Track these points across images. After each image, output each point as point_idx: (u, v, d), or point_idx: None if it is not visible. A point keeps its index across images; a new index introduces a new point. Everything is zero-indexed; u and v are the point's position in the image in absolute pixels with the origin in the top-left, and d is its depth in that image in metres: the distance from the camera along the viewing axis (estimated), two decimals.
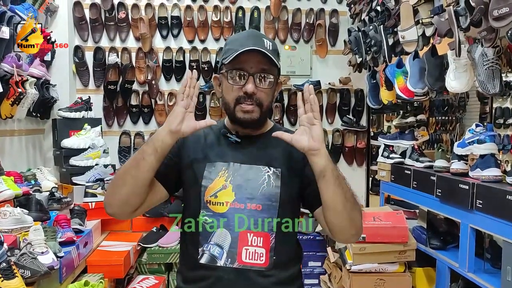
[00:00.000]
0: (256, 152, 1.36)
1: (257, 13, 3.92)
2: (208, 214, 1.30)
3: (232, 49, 1.30)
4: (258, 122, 1.34)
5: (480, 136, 2.20)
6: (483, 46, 1.98)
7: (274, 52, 1.32)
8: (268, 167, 1.32)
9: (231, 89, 1.32)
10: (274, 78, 1.33)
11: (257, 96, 1.30)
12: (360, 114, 4.04)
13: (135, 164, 1.25)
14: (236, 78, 1.31)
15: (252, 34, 1.39)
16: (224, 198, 1.29)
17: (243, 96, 1.30)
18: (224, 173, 1.32)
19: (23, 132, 3.23)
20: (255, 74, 1.30)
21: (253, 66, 1.29)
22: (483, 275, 2.14)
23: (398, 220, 2.53)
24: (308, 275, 3.38)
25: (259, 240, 1.28)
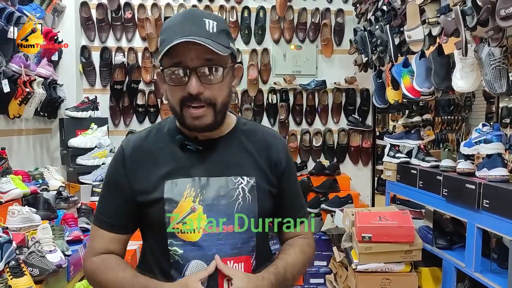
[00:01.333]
0: (223, 159, 1.13)
1: (263, 12, 3.93)
2: (177, 244, 1.07)
3: (166, 40, 1.03)
4: (213, 126, 1.09)
5: (487, 135, 2.19)
6: (490, 45, 1.97)
7: (220, 34, 1.05)
8: (241, 177, 1.11)
9: (173, 90, 1.06)
10: (225, 69, 1.06)
11: (206, 95, 1.05)
12: (366, 113, 4.04)
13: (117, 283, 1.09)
14: (176, 75, 1.05)
15: (189, 16, 1.07)
16: (194, 224, 1.06)
17: (188, 97, 1.04)
18: (190, 192, 1.08)
19: (31, 131, 3.25)
20: (198, 69, 1.03)
21: (194, 58, 1.03)
22: (489, 275, 2.13)
23: (404, 220, 2.52)
24: (314, 274, 3.39)
25: (240, 266, 1.09)
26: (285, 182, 1.21)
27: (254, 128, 1.23)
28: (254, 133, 1.21)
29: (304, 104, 4.00)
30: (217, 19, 1.07)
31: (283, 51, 3.99)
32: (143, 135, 1.18)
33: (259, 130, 1.23)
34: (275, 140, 1.22)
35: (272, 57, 3.98)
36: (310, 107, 3.99)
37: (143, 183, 1.11)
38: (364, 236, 2.48)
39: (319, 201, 3.59)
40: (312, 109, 4.00)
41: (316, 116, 4.03)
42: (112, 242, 1.15)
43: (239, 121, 1.21)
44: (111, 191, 1.16)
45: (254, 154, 1.16)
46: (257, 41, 3.95)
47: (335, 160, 3.97)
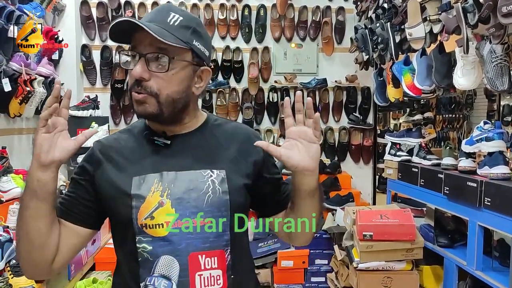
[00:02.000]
0: (191, 153, 1.11)
1: (263, 11, 3.92)
2: (146, 240, 1.04)
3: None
4: (159, 117, 1.07)
5: (488, 133, 2.18)
6: (491, 43, 1.97)
7: (180, 28, 1.05)
8: (210, 170, 1.09)
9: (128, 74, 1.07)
10: (171, 59, 1.04)
11: (149, 83, 1.04)
12: (367, 112, 4.03)
13: (20, 217, 1.03)
14: (125, 60, 1.08)
15: (161, 7, 1.10)
16: (163, 218, 1.03)
17: (133, 82, 1.05)
18: (158, 186, 1.05)
19: (32, 130, 3.25)
20: (147, 55, 1.03)
21: (147, 45, 1.03)
22: (491, 273, 2.12)
23: (405, 218, 2.52)
24: (315, 273, 3.38)
25: (213, 261, 1.05)
26: (267, 170, 1.19)
27: (225, 123, 1.22)
28: (226, 127, 1.20)
29: (305, 103, 3.98)
30: (186, 16, 1.08)
31: (284, 49, 3.98)
32: (114, 136, 1.19)
33: (231, 125, 1.22)
34: (248, 133, 1.21)
35: (273, 56, 3.97)
36: None
37: (110, 180, 1.08)
38: (365, 235, 2.48)
39: None
40: (313, 108, 3.98)
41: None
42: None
43: (210, 117, 1.21)
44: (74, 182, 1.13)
45: (225, 147, 1.14)
46: (258, 40, 3.94)
47: (336, 159, 3.97)
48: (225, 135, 1.17)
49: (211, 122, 1.18)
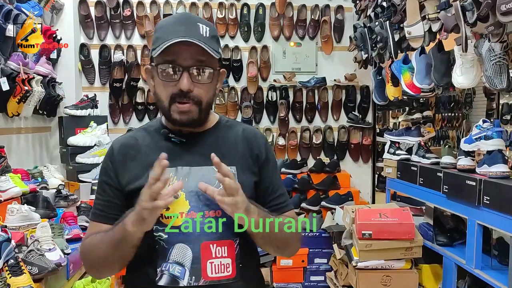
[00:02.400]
0: (205, 150, 1.16)
1: (262, 9, 3.91)
2: (162, 229, 1.13)
3: (161, 38, 1.11)
4: (197, 122, 1.17)
5: (487, 132, 2.18)
6: (490, 41, 1.97)
7: (212, 39, 1.14)
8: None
9: (164, 86, 1.14)
10: (214, 71, 1.15)
11: (195, 93, 1.13)
12: (366, 110, 4.03)
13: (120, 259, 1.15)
14: (169, 72, 1.12)
15: (185, 18, 1.16)
16: (177, 209, 1.12)
17: (178, 94, 1.12)
18: (173, 180, 1.14)
19: (30, 130, 3.25)
20: (191, 68, 1.11)
21: (187, 58, 1.11)
22: (490, 272, 2.12)
23: (404, 217, 2.52)
24: (314, 272, 3.39)
25: (223, 250, 1.14)
26: (266, 172, 1.25)
27: (236, 124, 1.31)
28: (236, 127, 1.28)
29: (304, 102, 3.99)
30: (209, 25, 1.16)
31: (283, 48, 3.97)
32: (131, 134, 1.27)
33: (241, 126, 1.30)
34: (256, 134, 1.29)
35: (272, 54, 3.96)
36: (310, 104, 3.98)
37: (130, 175, 1.18)
38: (364, 233, 2.48)
39: (319, 198, 3.58)
40: (312, 106, 3.99)
41: (316, 113, 4.02)
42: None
43: (222, 118, 1.30)
44: (104, 187, 1.21)
45: (235, 145, 1.23)
46: (257, 38, 3.94)
47: (335, 158, 3.96)
48: (236, 135, 1.25)
49: (223, 123, 1.28)
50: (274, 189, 1.26)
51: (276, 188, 1.26)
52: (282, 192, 1.28)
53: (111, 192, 1.20)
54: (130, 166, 1.19)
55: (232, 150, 1.22)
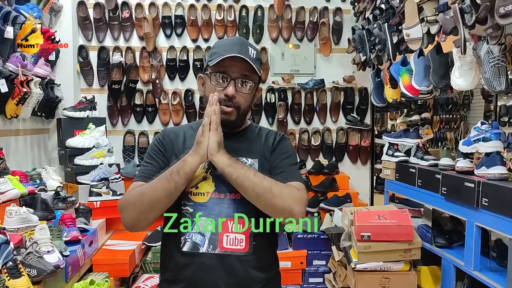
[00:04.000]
0: (235, 146, 1.42)
1: (261, 11, 3.92)
2: (189, 204, 1.37)
3: (218, 53, 1.38)
4: (234, 124, 1.43)
5: (485, 134, 2.19)
6: (488, 43, 1.97)
7: (257, 61, 1.40)
8: (246, 158, 1.41)
9: (213, 90, 1.38)
10: (254, 84, 1.42)
11: (237, 99, 1.39)
12: (364, 112, 4.03)
13: (168, 194, 1.30)
14: (219, 80, 1.39)
15: (239, 41, 1.44)
16: (204, 189, 1.37)
17: (224, 98, 1.38)
18: (205, 165, 1.37)
19: (28, 131, 3.24)
20: (237, 79, 1.38)
21: (235, 71, 1.38)
22: (489, 274, 2.13)
23: (403, 219, 2.52)
24: (313, 273, 3.38)
25: (239, 227, 1.35)
26: (274, 156, 1.45)
27: (262, 129, 1.55)
28: (262, 131, 1.53)
29: (303, 103, 4.00)
30: (257, 51, 1.43)
31: (281, 50, 3.98)
32: (179, 127, 1.57)
33: (267, 129, 1.55)
34: (272, 134, 1.52)
35: (270, 56, 3.97)
36: (308, 106, 3.99)
37: (174, 154, 1.43)
38: (363, 235, 2.48)
39: (318, 200, 3.58)
40: (311, 108, 3.99)
41: (314, 115, 4.02)
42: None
43: (252, 124, 1.56)
44: (152, 156, 1.45)
45: (259, 144, 1.47)
46: (255, 40, 3.94)
47: (333, 159, 3.97)
48: (260, 136, 1.50)
49: (252, 127, 1.53)
50: (278, 168, 1.42)
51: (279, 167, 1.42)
52: (284, 170, 1.42)
53: (158, 159, 1.43)
54: (175, 146, 1.44)
55: (256, 147, 1.46)
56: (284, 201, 1.30)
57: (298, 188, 1.36)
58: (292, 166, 1.46)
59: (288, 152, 1.49)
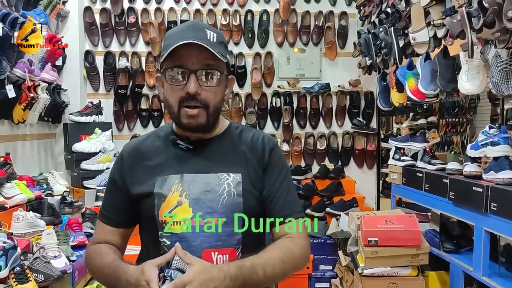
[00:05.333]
0: (212, 158, 1.20)
1: (266, 16, 3.92)
2: (166, 235, 1.14)
3: (170, 44, 1.12)
4: (205, 127, 1.18)
5: (493, 138, 2.17)
6: (496, 47, 1.96)
7: (219, 45, 1.16)
8: (227, 173, 1.17)
9: (172, 91, 1.15)
10: (221, 75, 1.16)
11: (202, 96, 1.14)
12: (370, 116, 4.02)
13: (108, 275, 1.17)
14: (177, 77, 1.14)
15: (193, 25, 1.19)
16: (181, 216, 1.13)
17: (186, 97, 1.14)
18: (178, 187, 1.15)
19: (35, 136, 3.25)
20: (198, 71, 1.13)
21: (195, 62, 1.13)
22: (497, 279, 2.11)
23: (410, 223, 2.50)
24: (319, 278, 3.37)
25: (224, 258, 1.14)
26: (268, 177, 1.22)
27: (246, 130, 1.30)
28: (246, 134, 1.28)
29: (308, 107, 3.99)
30: (217, 32, 1.18)
31: (287, 54, 3.98)
32: (142, 139, 1.31)
33: (251, 132, 1.30)
34: (262, 139, 1.27)
35: (276, 61, 3.97)
36: (314, 110, 3.98)
37: (136, 179, 1.21)
38: (370, 240, 2.47)
39: (324, 204, 3.57)
40: (316, 112, 3.99)
41: (320, 119, 4.01)
42: (110, 234, 1.27)
43: (232, 124, 1.30)
44: (111, 189, 1.28)
45: (244, 152, 1.23)
46: (261, 45, 3.94)
47: (339, 164, 3.95)
48: (245, 141, 1.25)
49: (232, 129, 1.28)
50: (276, 198, 1.21)
51: (278, 197, 1.21)
52: (287, 200, 1.23)
53: (117, 194, 1.25)
54: (136, 170, 1.22)
55: (238, 157, 1.21)
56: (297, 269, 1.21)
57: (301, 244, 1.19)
58: (290, 192, 1.24)
59: (283, 168, 1.26)
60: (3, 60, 2.45)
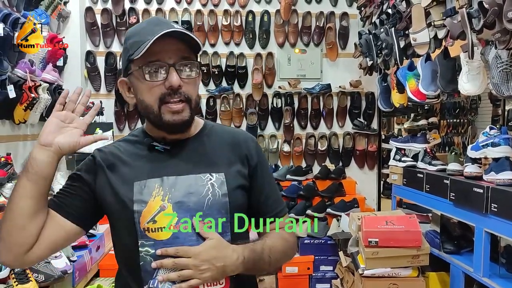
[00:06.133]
0: (191, 158, 1.15)
1: (267, 16, 3.93)
2: (148, 244, 1.06)
3: (140, 41, 1.06)
4: (189, 122, 1.13)
5: (494, 139, 2.17)
6: (497, 48, 1.96)
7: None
8: (209, 173, 1.12)
9: (150, 88, 1.08)
10: (197, 66, 1.12)
11: (184, 89, 1.09)
12: (371, 117, 4.02)
13: (11, 193, 1.06)
14: (153, 73, 1.08)
15: (159, 20, 1.13)
16: (164, 222, 1.06)
17: (168, 92, 1.08)
18: (159, 191, 1.08)
19: (36, 137, 3.22)
20: (177, 64, 1.08)
21: (171, 56, 1.08)
22: (498, 280, 2.10)
23: (411, 224, 2.50)
24: (320, 279, 3.36)
25: None
26: (258, 178, 1.21)
27: (222, 128, 1.27)
28: (223, 132, 1.24)
29: (309, 108, 3.99)
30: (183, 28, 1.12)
31: (288, 55, 3.98)
32: (114, 144, 1.21)
33: (228, 129, 1.28)
34: (245, 137, 1.24)
35: (277, 61, 3.97)
36: (315, 111, 3.98)
37: (112, 187, 1.11)
38: (370, 241, 2.47)
39: (325, 205, 3.57)
40: (317, 113, 3.99)
41: (321, 120, 4.02)
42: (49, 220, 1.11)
43: (207, 123, 1.25)
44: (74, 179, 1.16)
45: (223, 150, 1.19)
46: (262, 45, 3.95)
47: (340, 164, 3.95)
48: (222, 139, 1.21)
49: (208, 128, 1.23)
50: (267, 195, 1.22)
51: (269, 193, 1.23)
52: (275, 198, 1.24)
53: (78, 189, 1.14)
54: (109, 175, 1.13)
55: (219, 156, 1.17)
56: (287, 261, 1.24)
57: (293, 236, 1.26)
58: (276, 189, 1.27)
59: (266, 165, 1.27)
60: (4, 60, 2.46)
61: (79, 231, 1.14)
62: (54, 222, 1.10)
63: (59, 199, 1.13)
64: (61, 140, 1.06)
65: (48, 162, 1.05)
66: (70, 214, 1.12)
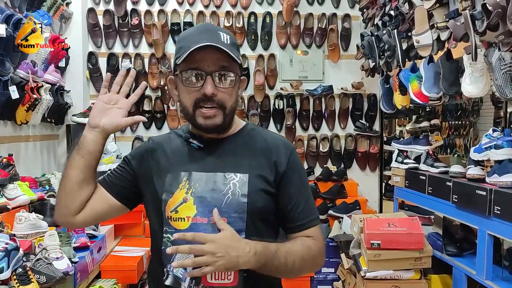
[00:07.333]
0: (221, 157, 1.21)
1: (269, 18, 3.93)
2: (170, 231, 1.16)
3: (185, 47, 1.15)
4: (222, 127, 1.20)
5: (497, 141, 2.16)
6: (500, 50, 1.95)
7: (233, 46, 1.18)
8: (234, 173, 1.17)
9: (188, 92, 1.17)
10: (235, 76, 1.18)
11: (218, 97, 1.16)
12: (373, 119, 4.01)
13: (65, 164, 1.24)
14: (192, 79, 1.16)
15: (206, 28, 1.21)
16: (185, 213, 1.15)
17: (202, 98, 1.16)
18: (185, 184, 1.17)
19: (38, 137, 3.26)
20: (214, 73, 1.15)
21: (210, 65, 1.15)
22: (501, 283, 2.10)
23: (413, 226, 2.49)
24: (321, 281, 3.36)
25: None
26: (287, 185, 1.22)
27: (261, 132, 1.31)
28: (259, 136, 1.28)
29: (311, 110, 3.99)
30: (229, 34, 1.20)
31: (290, 56, 3.98)
32: (165, 135, 1.34)
33: (266, 134, 1.30)
34: (280, 144, 1.26)
35: (279, 63, 3.97)
36: (317, 113, 3.98)
37: (150, 176, 1.24)
38: (372, 243, 2.46)
39: (327, 207, 3.56)
40: (319, 115, 3.98)
41: (323, 121, 4.01)
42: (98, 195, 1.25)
43: (247, 125, 1.30)
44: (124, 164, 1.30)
45: (253, 153, 1.23)
46: (264, 47, 3.95)
47: (342, 166, 3.95)
48: (255, 143, 1.25)
49: (246, 130, 1.28)
50: (297, 203, 1.22)
51: (299, 202, 1.22)
52: (306, 207, 1.23)
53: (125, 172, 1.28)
54: (150, 164, 1.25)
55: (249, 158, 1.21)
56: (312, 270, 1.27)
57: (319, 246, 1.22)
58: (309, 198, 1.26)
59: (302, 174, 1.27)
60: (6, 61, 2.46)
61: (122, 207, 1.28)
62: (100, 196, 1.25)
63: (108, 178, 1.28)
64: (106, 122, 1.19)
65: (95, 141, 1.20)
66: (114, 192, 1.26)
